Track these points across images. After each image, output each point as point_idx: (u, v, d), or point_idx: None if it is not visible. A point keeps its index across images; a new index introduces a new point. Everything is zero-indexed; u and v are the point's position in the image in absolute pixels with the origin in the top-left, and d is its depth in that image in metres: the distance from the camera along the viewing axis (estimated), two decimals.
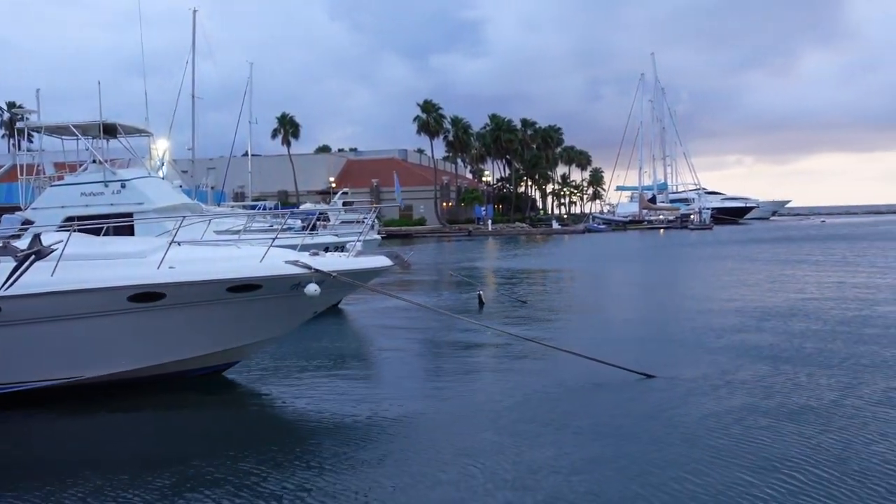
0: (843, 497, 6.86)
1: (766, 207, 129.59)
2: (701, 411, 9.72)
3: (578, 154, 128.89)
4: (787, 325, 16.81)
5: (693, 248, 52.22)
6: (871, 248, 44.67)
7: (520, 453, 8.24)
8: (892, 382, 10.99)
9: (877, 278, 26.50)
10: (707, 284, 26.66)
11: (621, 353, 12.91)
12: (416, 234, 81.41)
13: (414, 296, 23.13)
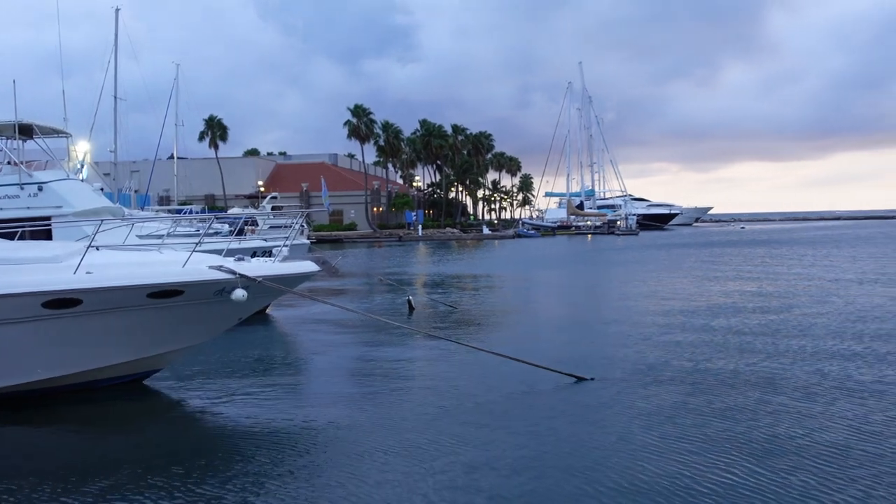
0: (772, 489, 7.07)
1: (690, 214, 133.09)
2: (633, 411, 9.94)
3: (509, 160, 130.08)
4: (712, 324, 17.37)
5: (620, 253, 53.28)
6: (787, 252, 46.33)
7: (458, 454, 8.28)
8: (811, 378, 11.43)
9: (793, 280, 27.48)
10: (634, 288, 27.20)
11: (553, 356, 13.11)
12: (347, 239, 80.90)
13: (344, 301, 22.95)
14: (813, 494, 6.97)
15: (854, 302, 20.96)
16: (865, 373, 12.03)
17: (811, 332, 16.19)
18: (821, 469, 7.64)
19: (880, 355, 13.37)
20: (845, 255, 42.96)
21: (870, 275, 29.56)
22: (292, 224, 14.22)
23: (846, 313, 18.73)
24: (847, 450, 8.16)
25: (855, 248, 49.98)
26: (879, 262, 36.36)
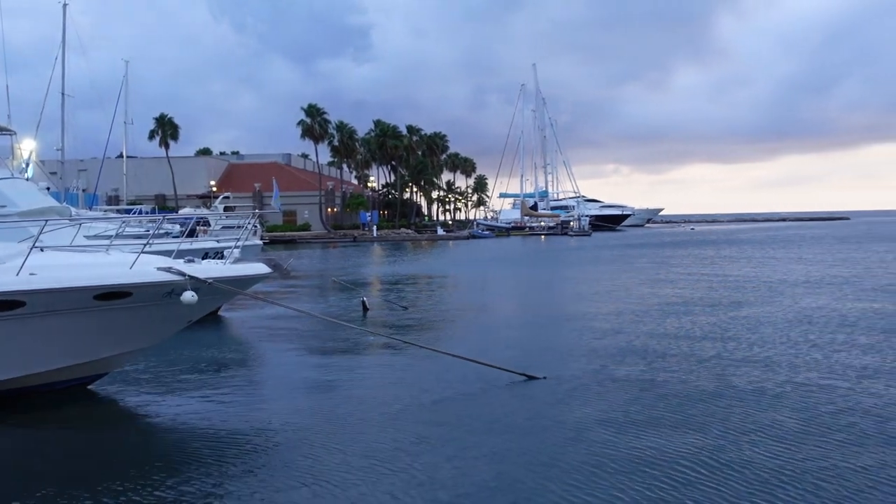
0: (727, 481, 7.20)
1: (641, 215, 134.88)
2: (586, 408, 10.05)
3: (463, 161, 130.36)
4: (663, 323, 17.65)
5: (573, 254, 53.80)
6: (736, 253, 47.21)
7: (416, 453, 8.32)
8: (760, 374, 11.64)
9: (742, 280, 28.00)
10: (586, 287, 27.45)
11: (507, 356, 13.20)
12: (300, 240, 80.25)
13: (297, 303, 22.75)
14: (765, 484, 7.12)
15: (800, 301, 21.43)
16: (813, 369, 12.32)
17: (759, 330, 16.53)
18: (770, 459, 7.84)
19: (827, 353, 13.69)
20: (792, 256, 43.93)
21: (815, 274, 30.28)
22: (244, 225, 14.06)
23: (793, 312, 19.15)
24: (796, 442, 8.36)
25: (801, 249, 51.15)
26: (825, 263, 37.25)
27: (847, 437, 8.63)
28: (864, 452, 8.09)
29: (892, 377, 11.62)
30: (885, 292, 23.27)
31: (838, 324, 17.15)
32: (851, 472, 7.51)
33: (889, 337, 15.22)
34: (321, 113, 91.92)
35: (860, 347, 14.20)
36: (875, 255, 41.70)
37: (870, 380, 11.49)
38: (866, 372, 12.04)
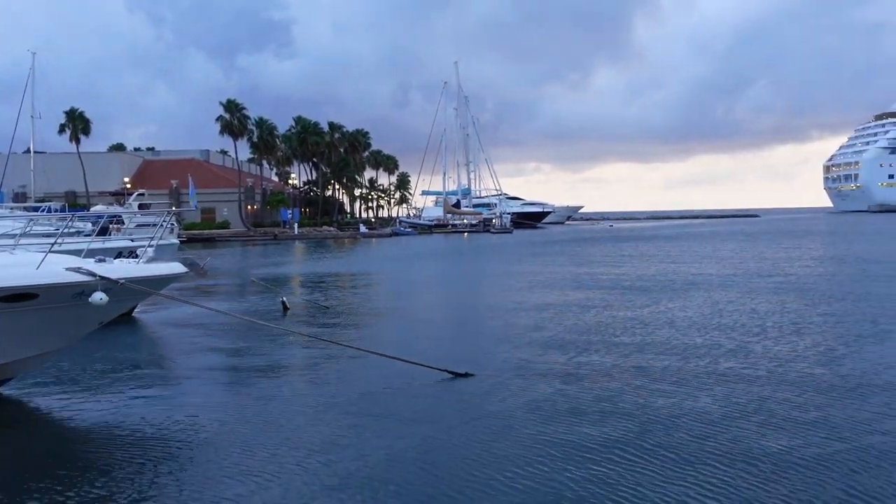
0: (648, 470, 7.32)
1: (562, 212, 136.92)
2: (511, 404, 10.14)
3: (386, 158, 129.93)
4: (584, 318, 17.93)
5: (495, 251, 54.23)
6: (653, 249, 48.40)
7: (342, 451, 8.23)
8: (681, 363, 11.96)
9: (658, 274, 28.75)
10: (509, 284, 27.71)
11: (431, 353, 13.21)
12: (219, 238, 78.61)
13: (215, 303, 22.27)
14: (691, 465, 7.32)
15: (714, 293, 22.11)
16: (730, 359, 12.74)
17: (676, 321, 17.02)
18: (695, 441, 8.16)
19: (742, 343, 14.16)
20: (706, 251, 45.25)
21: (728, 269, 31.30)
22: (160, 223, 13.69)
23: (708, 304, 19.76)
24: (712, 430, 8.62)
25: (714, 245, 52.76)
26: (738, 258, 38.53)
27: (763, 421, 9.00)
28: (780, 436, 8.42)
29: (802, 364, 12.13)
30: (791, 285, 24.22)
31: (749, 314, 17.78)
32: (768, 455, 7.81)
33: (798, 327, 15.86)
34: (240, 108, 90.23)
35: (771, 338, 14.73)
36: (782, 251, 43.37)
37: (782, 368, 11.95)
38: (778, 360, 12.52)
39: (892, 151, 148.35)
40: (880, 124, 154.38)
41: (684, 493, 6.98)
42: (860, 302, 19.98)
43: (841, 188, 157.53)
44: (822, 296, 21.51)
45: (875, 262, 33.76)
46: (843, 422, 9.09)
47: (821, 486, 7.08)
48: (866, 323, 16.53)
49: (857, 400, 10.10)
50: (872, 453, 7.94)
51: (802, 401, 10.08)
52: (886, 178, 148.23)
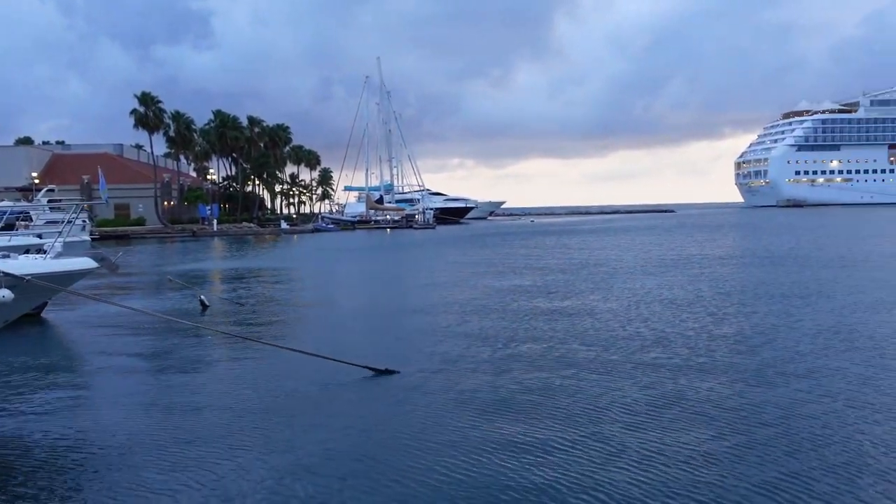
0: (569, 466, 7.35)
1: (484, 208, 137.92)
2: (437, 400, 10.08)
3: (307, 154, 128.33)
4: (508, 311, 17.98)
5: (418, 246, 54.19)
6: (573, 242, 49.19)
7: (266, 452, 8.06)
8: (605, 355, 12.13)
9: (579, 267, 29.20)
10: (432, 279, 27.68)
11: (355, 351, 13.04)
12: (134, 235, 76.25)
13: (131, 301, 21.52)
14: (618, 456, 7.39)
15: (633, 286, 22.56)
16: (650, 349, 13.00)
17: (597, 315, 17.24)
18: (623, 431, 8.19)
19: (662, 334, 14.46)
20: (624, 244, 46.23)
21: (646, 261, 32.01)
22: (70, 218, 13.11)
23: (627, 295, 20.13)
24: (645, 417, 8.76)
25: (633, 238, 53.98)
26: (657, 249, 39.47)
27: (688, 408, 9.18)
28: (706, 424, 8.60)
29: (720, 352, 12.46)
30: (705, 276, 24.91)
31: (668, 304, 18.20)
32: (694, 442, 7.97)
33: (715, 318, 16.30)
34: (156, 101, 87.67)
35: (691, 328, 15.09)
36: (695, 245, 44.64)
37: (702, 356, 12.24)
38: (698, 349, 12.82)
39: (799, 149, 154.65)
40: (787, 123, 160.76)
41: (611, 479, 7.05)
42: (771, 292, 20.67)
43: (751, 184, 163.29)
44: (735, 286, 22.18)
45: (782, 254, 35.06)
46: (763, 408, 9.35)
47: (747, 471, 7.26)
48: (780, 313, 17.10)
49: (774, 386, 10.41)
50: (795, 438, 8.20)
51: (723, 389, 10.35)
52: (793, 175, 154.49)
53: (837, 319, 16.00)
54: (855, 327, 15.03)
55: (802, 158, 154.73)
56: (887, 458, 7.59)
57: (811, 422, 8.80)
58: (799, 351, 12.84)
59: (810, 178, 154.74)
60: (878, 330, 14.65)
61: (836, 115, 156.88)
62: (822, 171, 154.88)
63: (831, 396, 9.91)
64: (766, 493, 6.77)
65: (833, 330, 14.83)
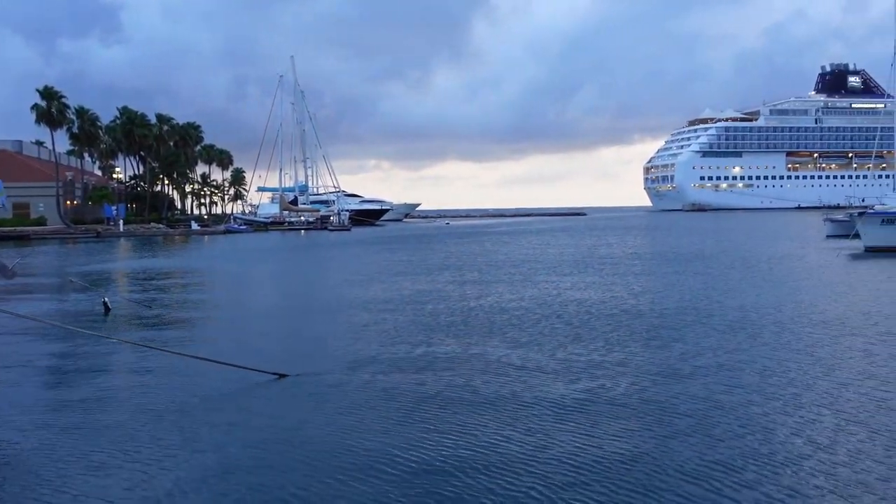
0: (479, 459, 7.42)
1: (400, 210, 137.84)
2: (334, 403, 10.04)
3: (219, 153, 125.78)
4: (417, 312, 17.99)
5: (331, 248, 53.82)
6: (489, 245, 49.70)
7: (160, 462, 7.85)
8: (510, 357, 12.31)
9: (492, 268, 29.54)
10: (344, 280, 27.55)
11: (256, 354, 12.91)
12: (35, 236, 73.05)
13: (28, 307, 20.68)
14: (532, 461, 7.46)
15: (549, 285, 22.97)
16: (559, 348, 13.27)
17: (512, 312, 17.46)
18: (522, 430, 8.26)
19: (575, 334, 14.76)
20: (540, 244, 46.99)
21: (561, 261, 32.65)
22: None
23: (543, 295, 20.48)
24: (535, 409, 8.94)
25: (548, 238, 54.93)
26: (571, 251, 40.28)
27: (609, 402, 9.41)
28: (624, 420, 8.84)
29: (631, 348, 12.84)
30: (616, 274, 25.59)
31: (582, 302, 18.60)
32: (613, 436, 8.14)
33: (628, 315, 16.77)
34: (59, 96, 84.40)
35: (603, 326, 15.46)
36: (606, 245, 45.78)
37: (614, 353, 12.58)
38: (610, 344, 13.16)
39: (704, 155, 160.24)
40: (693, 130, 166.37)
41: (532, 481, 7.21)
42: (679, 290, 21.41)
43: (659, 188, 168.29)
44: (644, 284, 22.87)
45: (687, 253, 36.31)
46: (680, 399, 9.71)
47: (670, 461, 7.53)
48: (688, 310, 17.74)
49: (690, 378, 10.81)
50: (715, 428, 8.53)
51: (637, 383, 10.67)
52: (698, 180, 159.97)
53: (741, 314, 16.74)
54: (758, 321, 15.76)
55: (707, 164, 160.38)
56: (803, 444, 8.01)
57: (727, 411, 9.23)
58: (709, 345, 13.39)
59: (714, 184, 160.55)
60: (780, 323, 15.39)
61: (738, 123, 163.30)
62: (725, 177, 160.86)
63: (743, 387, 10.42)
64: (692, 482, 7.04)
65: (738, 324, 15.55)
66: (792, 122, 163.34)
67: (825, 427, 8.71)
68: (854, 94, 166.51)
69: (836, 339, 14.21)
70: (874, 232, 35.98)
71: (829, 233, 46.59)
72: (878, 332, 14.79)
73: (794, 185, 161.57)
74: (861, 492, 6.80)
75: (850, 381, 10.86)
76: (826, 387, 10.60)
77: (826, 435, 8.41)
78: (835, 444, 8.11)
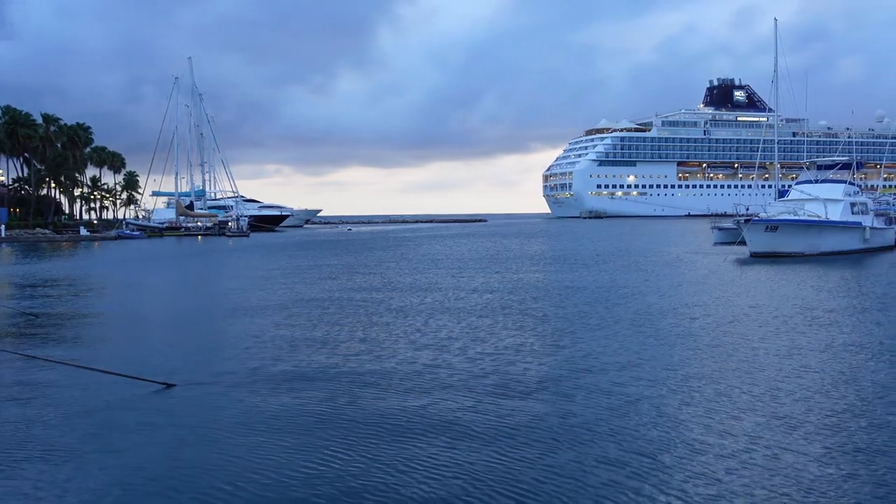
0: (362, 463, 7.34)
1: (301, 215, 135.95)
2: (223, 412, 9.79)
3: (111, 156, 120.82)
4: (310, 320, 17.74)
5: (228, 255, 52.58)
6: (391, 251, 49.56)
7: (42, 477, 7.49)
8: (397, 364, 12.28)
9: (392, 273, 29.46)
10: (238, 288, 26.92)
11: (146, 363, 12.44)
12: None
13: None
14: (399, 461, 7.47)
15: (445, 292, 23.04)
16: (458, 354, 13.36)
17: (404, 315, 17.46)
18: (406, 438, 8.25)
19: (477, 336, 14.86)
20: (441, 250, 47.17)
21: (459, 269, 32.82)
22: None
23: (440, 301, 20.54)
24: (423, 415, 8.95)
25: (449, 244, 55.22)
26: (469, 254, 40.59)
27: (494, 410, 9.46)
28: (514, 423, 8.92)
29: (524, 358, 12.99)
30: (514, 282, 25.93)
31: (476, 307, 18.75)
32: (500, 439, 8.21)
33: (520, 325, 16.98)
34: None
35: (498, 334, 15.62)
36: (505, 249, 46.43)
37: (505, 362, 12.71)
38: (502, 350, 13.32)
39: (600, 164, 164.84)
40: (590, 139, 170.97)
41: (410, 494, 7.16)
42: (575, 295, 21.86)
43: (557, 196, 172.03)
44: (541, 291, 23.25)
45: (584, 258, 37.22)
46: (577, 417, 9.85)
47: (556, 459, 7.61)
48: (591, 315, 18.11)
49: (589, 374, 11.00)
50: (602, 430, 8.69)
51: (525, 398, 10.73)
52: (595, 188, 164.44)
53: (640, 315, 17.20)
54: (656, 322, 16.24)
55: (603, 173, 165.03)
56: (702, 432, 8.25)
57: (632, 403, 9.41)
58: (614, 343, 13.68)
59: (610, 192, 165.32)
60: (676, 323, 15.90)
61: (633, 134, 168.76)
62: (620, 185, 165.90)
63: (645, 379, 10.64)
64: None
65: (639, 324, 15.97)
66: (682, 133, 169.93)
67: (724, 416, 9.04)
68: (739, 108, 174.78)
69: (727, 335, 14.82)
70: (759, 239, 37.74)
71: (716, 240, 48.49)
72: (768, 330, 15.55)
73: (684, 194, 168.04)
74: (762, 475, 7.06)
75: (746, 372, 11.33)
76: (724, 377, 11.08)
77: (725, 422, 8.73)
78: (732, 429, 8.41)
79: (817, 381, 11.18)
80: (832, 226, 39.60)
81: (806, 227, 38.57)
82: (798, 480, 7.15)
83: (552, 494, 6.92)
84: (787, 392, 10.53)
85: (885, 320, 17.22)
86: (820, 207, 40.04)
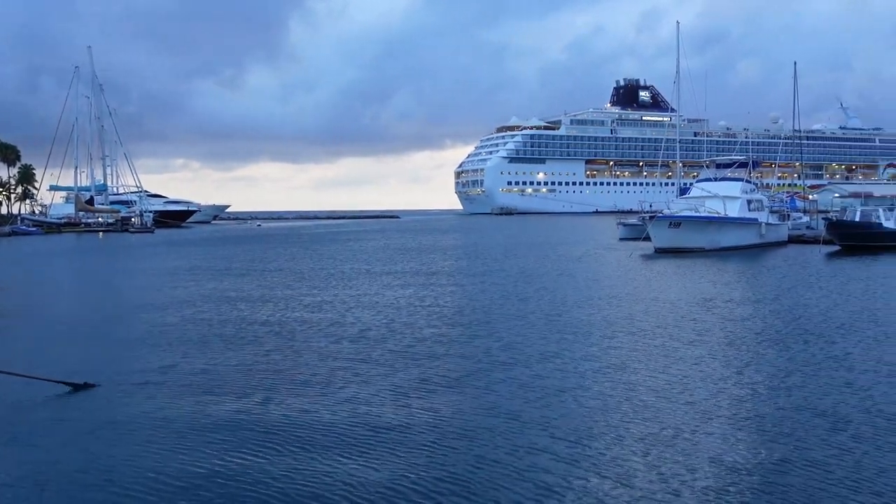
0: (290, 471, 7.33)
1: (208, 211, 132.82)
2: (144, 414, 9.51)
3: (5, 148, 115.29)
4: (227, 318, 17.45)
5: (130, 251, 51.00)
6: (302, 247, 48.99)
7: None
8: (318, 365, 12.23)
9: (306, 271, 29.17)
10: (144, 285, 26.21)
11: (52, 363, 11.99)
12: None
13: None
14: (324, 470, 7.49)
15: (359, 287, 22.98)
16: (376, 347, 13.36)
17: (323, 315, 17.37)
18: (345, 445, 8.27)
19: (395, 329, 14.91)
20: (355, 247, 46.91)
21: (373, 265, 32.77)
22: None
23: (355, 296, 20.49)
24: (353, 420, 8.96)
25: (359, 242, 54.99)
26: (386, 253, 40.54)
27: (418, 403, 9.55)
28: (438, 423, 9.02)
29: (437, 351, 13.15)
30: (431, 276, 26.10)
31: (392, 301, 18.81)
32: (431, 436, 8.32)
33: (444, 317, 17.14)
34: None
35: (418, 326, 15.73)
36: (418, 244, 46.61)
37: (429, 342, 12.85)
38: (424, 344, 13.45)
39: (511, 161, 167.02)
40: (501, 136, 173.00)
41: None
42: (490, 289, 22.19)
43: (469, 192, 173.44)
44: (456, 286, 23.49)
45: (498, 254, 37.75)
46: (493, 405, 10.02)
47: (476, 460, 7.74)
48: (497, 309, 18.40)
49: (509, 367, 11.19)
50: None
51: (448, 391, 10.89)
52: (506, 185, 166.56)
53: (552, 309, 17.59)
54: (567, 314, 16.63)
55: (514, 170, 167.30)
56: (621, 417, 8.52)
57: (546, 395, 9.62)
58: (528, 336, 13.96)
59: (521, 188, 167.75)
60: (587, 316, 16.34)
61: (542, 132, 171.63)
62: (530, 182, 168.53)
63: (564, 370, 10.92)
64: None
65: (544, 314, 16.32)
66: (590, 131, 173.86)
67: (646, 403, 9.39)
68: (644, 108, 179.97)
69: (636, 325, 15.36)
70: (663, 234, 39.05)
71: (622, 235, 49.83)
72: (674, 319, 16.16)
73: (592, 191, 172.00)
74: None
75: (657, 358, 11.78)
76: (637, 365, 11.49)
77: (642, 408, 9.07)
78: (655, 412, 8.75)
79: (721, 367, 11.76)
80: (731, 222, 41.33)
81: (707, 224, 40.12)
82: (710, 458, 7.53)
83: (484, 484, 7.04)
84: (695, 377, 11.02)
85: (779, 309, 18.17)
86: (719, 204, 41.72)
